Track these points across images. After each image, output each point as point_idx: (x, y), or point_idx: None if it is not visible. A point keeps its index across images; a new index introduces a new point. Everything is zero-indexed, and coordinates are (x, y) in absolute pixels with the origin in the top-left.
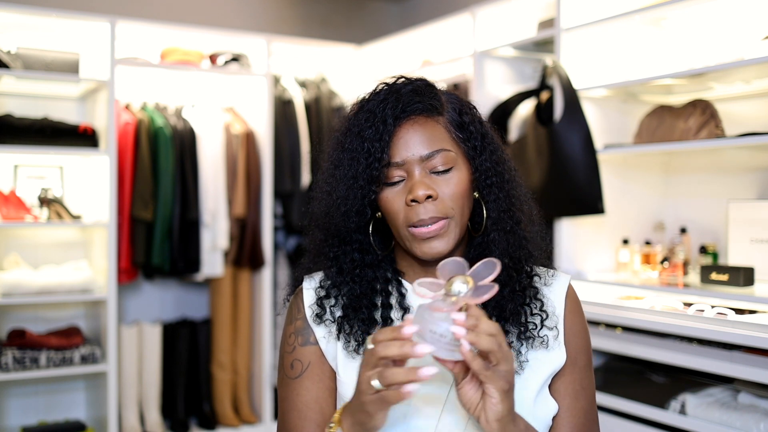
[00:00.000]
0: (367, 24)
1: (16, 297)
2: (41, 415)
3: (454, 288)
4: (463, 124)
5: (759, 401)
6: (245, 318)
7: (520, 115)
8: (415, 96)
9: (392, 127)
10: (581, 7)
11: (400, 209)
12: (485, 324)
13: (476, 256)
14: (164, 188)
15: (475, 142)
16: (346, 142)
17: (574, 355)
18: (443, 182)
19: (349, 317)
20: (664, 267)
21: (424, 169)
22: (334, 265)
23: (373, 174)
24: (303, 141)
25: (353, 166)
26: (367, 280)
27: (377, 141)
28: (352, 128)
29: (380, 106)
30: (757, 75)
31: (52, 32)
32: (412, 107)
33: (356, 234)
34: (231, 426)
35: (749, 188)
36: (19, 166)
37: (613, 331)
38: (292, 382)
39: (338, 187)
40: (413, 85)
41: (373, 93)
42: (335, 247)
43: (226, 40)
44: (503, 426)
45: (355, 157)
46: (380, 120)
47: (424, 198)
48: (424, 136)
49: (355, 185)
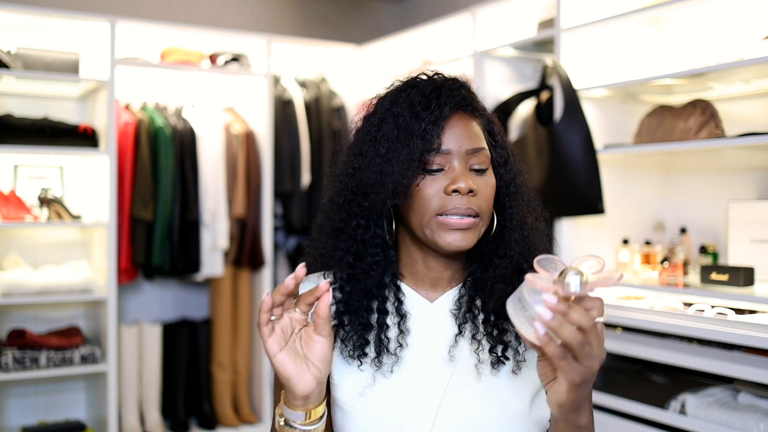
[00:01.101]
0: (367, 24)
1: (16, 297)
2: (41, 415)
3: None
4: (492, 132)
5: (759, 401)
6: (245, 318)
7: (520, 115)
8: (467, 92)
9: (447, 113)
10: (581, 7)
11: (434, 196)
12: (577, 314)
13: (489, 252)
14: (164, 188)
15: (501, 151)
16: (399, 119)
17: None
18: (482, 182)
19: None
20: (664, 267)
21: (465, 163)
22: (357, 247)
23: (424, 157)
24: (303, 141)
25: (410, 144)
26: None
27: (433, 123)
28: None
29: (434, 92)
30: (757, 75)
31: (52, 32)
32: (465, 102)
33: (382, 219)
34: (231, 426)
35: (749, 188)
36: (19, 166)
37: (613, 331)
38: None
39: (394, 162)
40: (461, 82)
41: (414, 80)
42: (361, 228)
43: (226, 40)
44: (564, 413)
45: (412, 134)
46: (436, 105)
47: (467, 191)
48: (471, 131)
49: (409, 163)
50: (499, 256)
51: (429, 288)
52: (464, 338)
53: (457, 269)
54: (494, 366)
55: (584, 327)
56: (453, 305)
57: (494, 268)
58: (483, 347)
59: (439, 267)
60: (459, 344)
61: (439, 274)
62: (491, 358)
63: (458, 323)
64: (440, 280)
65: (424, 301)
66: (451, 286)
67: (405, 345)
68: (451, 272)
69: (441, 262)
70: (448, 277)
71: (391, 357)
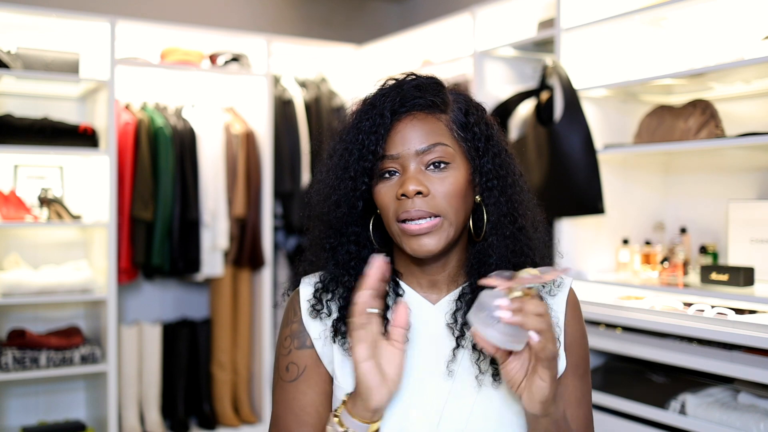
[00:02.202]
0: (367, 24)
1: (16, 297)
2: (41, 415)
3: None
4: (467, 125)
5: (759, 401)
6: (245, 318)
7: (520, 115)
8: (417, 91)
9: (389, 120)
10: (581, 7)
11: (391, 203)
12: (532, 304)
13: (475, 261)
14: (164, 188)
15: (478, 143)
16: (344, 134)
17: (576, 362)
18: (437, 180)
19: (345, 317)
20: (664, 267)
21: (420, 164)
22: (332, 257)
23: (365, 166)
24: (303, 141)
25: (344, 157)
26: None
27: (372, 133)
28: (352, 121)
29: (380, 100)
30: (757, 75)
31: (52, 32)
32: (413, 102)
33: (353, 227)
34: (231, 426)
35: (749, 188)
36: (19, 166)
37: (613, 331)
38: (287, 385)
39: (330, 177)
40: (418, 81)
41: (378, 88)
42: (332, 239)
43: (226, 40)
44: (546, 407)
45: (349, 148)
46: (378, 113)
47: (413, 193)
48: (423, 131)
49: (345, 176)
50: (484, 264)
51: (428, 289)
52: (465, 348)
53: (454, 268)
54: (495, 378)
55: (541, 311)
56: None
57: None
58: (484, 358)
59: (433, 269)
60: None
61: (435, 276)
62: (492, 369)
63: (456, 336)
64: (437, 282)
65: (424, 300)
66: (452, 287)
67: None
68: (447, 273)
69: (432, 264)
70: (445, 278)
71: None
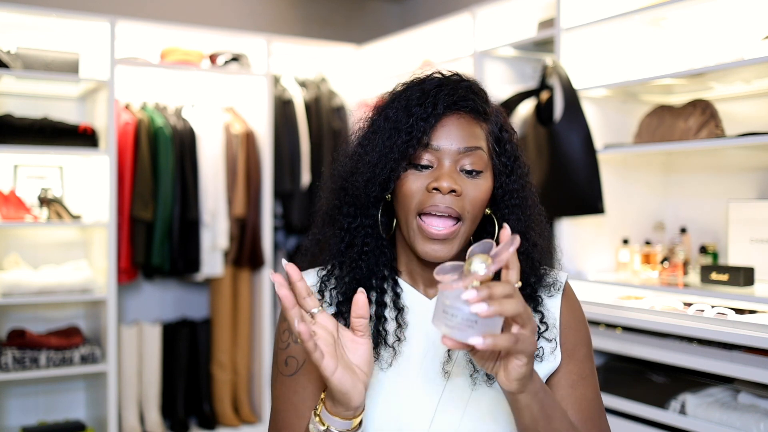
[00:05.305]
0: (367, 24)
1: (16, 297)
2: (41, 415)
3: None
4: (501, 140)
5: (759, 401)
6: (245, 318)
7: (520, 115)
8: (471, 93)
9: (441, 112)
10: (581, 7)
11: (417, 192)
12: (499, 288)
13: None
14: (164, 188)
15: (507, 161)
16: (391, 113)
17: (571, 348)
18: (470, 184)
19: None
20: (664, 267)
21: (455, 164)
22: (346, 236)
23: (408, 151)
24: (303, 141)
25: (392, 137)
26: (368, 266)
27: (423, 121)
28: (400, 101)
29: (435, 90)
30: (757, 75)
31: (52, 32)
32: (465, 102)
33: (371, 209)
34: (231, 426)
35: (749, 188)
36: (19, 166)
37: (613, 331)
38: (287, 380)
39: (371, 153)
40: (470, 83)
41: (428, 76)
42: (350, 217)
43: (226, 40)
44: (523, 384)
45: (397, 128)
46: (431, 102)
47: (448, 190)
48: (467, 132)
49: (389, 156)
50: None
51: (427, 287)
52: None
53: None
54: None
55: (512, 293)
56: None
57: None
58: None
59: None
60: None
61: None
62: None
63: None
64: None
65: (423, 297)
66: None
67: (403, 338)
68: None
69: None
70: None
71: (389, 350)
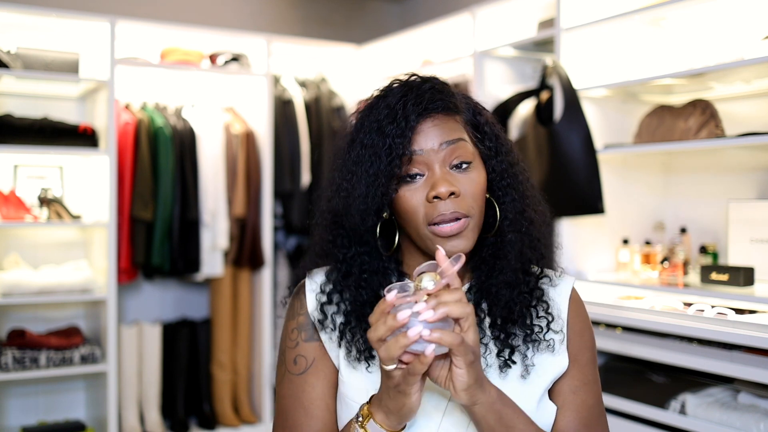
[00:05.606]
0: (367, 24)
1: (16, 297)
2: (41, 415)
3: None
4: (478, 125)
5: (759, 401)
6: (245, 318)
7: (520, 115)
8: (436, 94)
9: (414, 123)
10: (581, 7)
11: (420, 206)
12: (447, 294)
13: (489, 257)
14: (164, 188)
15: (490, 143)
16: (365, 139)
17: (575, 353)
18: (465, 180)
19: (351, 324)
20: (664, 267)
21: (444, 164)
22: (343, 267)
23: (394, 171)
24: (303, 141)
25: (375, 163)
26: (372, 288)
27: (399, 137)
28: (370, 124)
29: (400, 103)
30: (757, 75)
31: (52, 32)
32: (434, 105)
33: (367, 236)
34: (231, 426)
35: (749, 188)
36: (19, 166)
37: (613, 331)
38: (296, 378)
39: (359, 186)
40: (431, 83)
41: (387, 89)
42: (345, 248)
43: (226, 40)
44: (471, 394)
45: (377, 153)
46: (402, 116)
47: (447, 195)
48: (445, 129)
49: (377, 182)
50: (500, 258)
51: None
52: None
53: (460, 272)
54: (502, 370)
55: (460, 298)
56: None
57: (497, 273)
58: (490, 351)
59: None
60: None
61: None
62: (498, 362)
63: None
64: None
65: None
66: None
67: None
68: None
69: None
70: None
71: None
